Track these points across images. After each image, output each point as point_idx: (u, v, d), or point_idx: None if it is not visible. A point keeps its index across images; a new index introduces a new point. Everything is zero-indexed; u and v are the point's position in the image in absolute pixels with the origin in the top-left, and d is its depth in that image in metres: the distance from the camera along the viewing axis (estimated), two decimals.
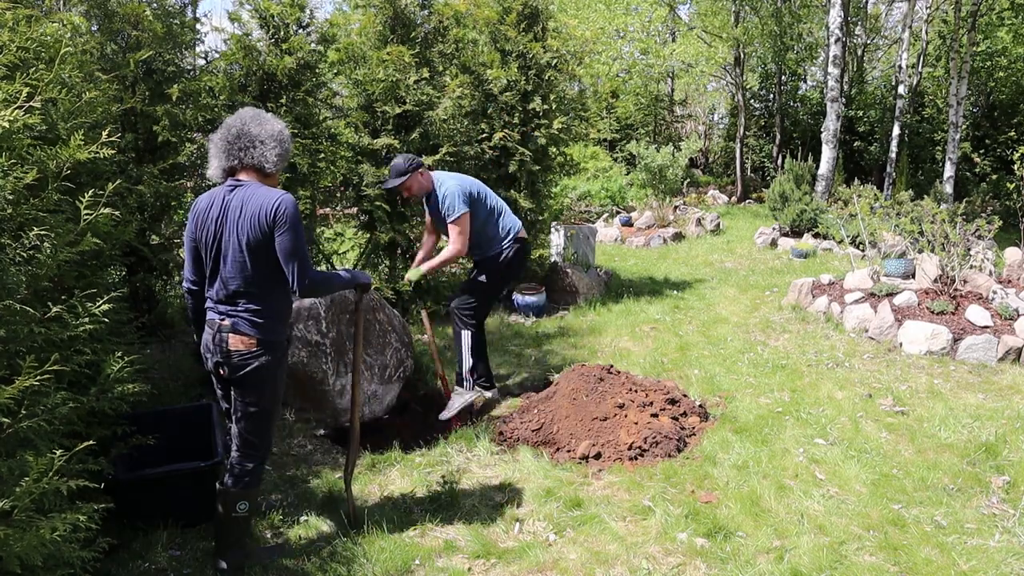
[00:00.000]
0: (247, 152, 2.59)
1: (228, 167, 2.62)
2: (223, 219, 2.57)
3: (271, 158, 2.61)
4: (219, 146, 2.61)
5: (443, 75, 6.30)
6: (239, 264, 2.55)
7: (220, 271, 2.60)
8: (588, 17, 16.24)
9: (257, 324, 2.59)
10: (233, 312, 2.59)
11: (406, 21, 5.98)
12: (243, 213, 2.52)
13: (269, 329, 2.61)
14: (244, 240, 2.52)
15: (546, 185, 7.15)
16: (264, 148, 2.60)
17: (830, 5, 12.05)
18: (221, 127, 2.65)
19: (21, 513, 1.86)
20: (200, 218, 2.62)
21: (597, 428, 3.84)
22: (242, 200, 2.54)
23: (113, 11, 4.50)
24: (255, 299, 2.60)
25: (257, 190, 2.55)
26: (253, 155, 2.59)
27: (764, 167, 18.49)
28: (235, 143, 2.59)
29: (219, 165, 2.63)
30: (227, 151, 2.60)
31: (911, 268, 6.77)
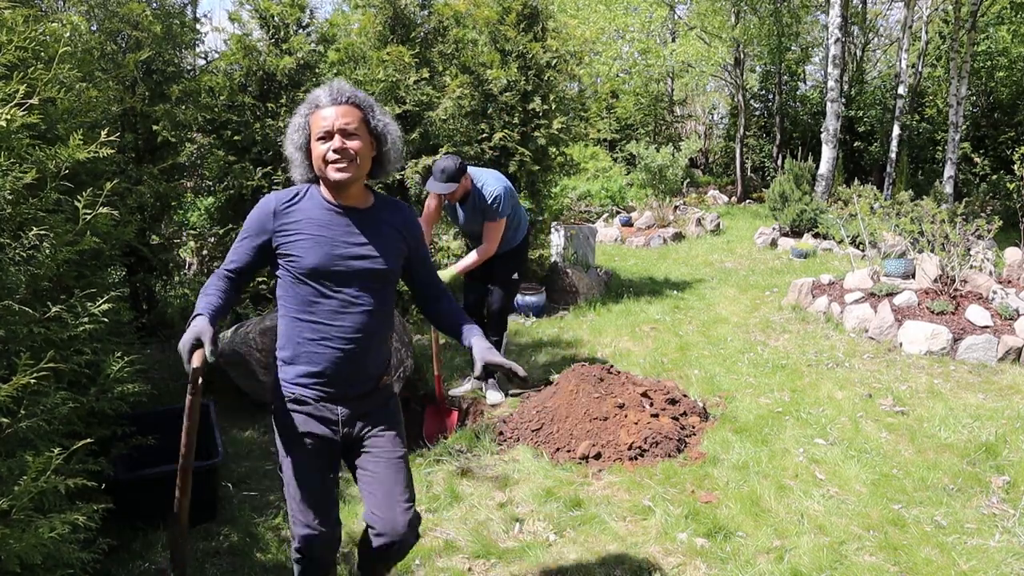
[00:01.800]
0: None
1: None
2: None
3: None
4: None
5: (443, 75, 6.30)
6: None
7: None
8: (588, 17, 16.24)
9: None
10: None
11: (406, 21, 5.98)
12: None
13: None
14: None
15: (546, 185, 7.15)
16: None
17: (830, 5, 12.05)
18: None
19: (20, 513, 1.86)
20: None
21: (597, 428, 3.83)
22: None
23: (113, 11, 4.50)
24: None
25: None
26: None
27: (764, 167, 18.48)
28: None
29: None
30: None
31: (911, 268, 6.77)
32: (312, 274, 1.97)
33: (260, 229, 2.02)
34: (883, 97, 16.35)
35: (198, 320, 1.83)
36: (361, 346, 2.03)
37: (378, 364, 2.12)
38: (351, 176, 1.95)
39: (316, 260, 1.97)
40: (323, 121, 1.93)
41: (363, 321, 2.02)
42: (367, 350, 2.06)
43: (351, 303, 2.01)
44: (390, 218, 2.09)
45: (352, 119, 1.94)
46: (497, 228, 4.21)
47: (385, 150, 2.02)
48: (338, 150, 1.92)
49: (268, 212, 2.01)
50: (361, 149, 1.95)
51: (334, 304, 2.00)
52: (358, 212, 2.04)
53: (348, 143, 1.92)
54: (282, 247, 1.99)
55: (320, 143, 1.94)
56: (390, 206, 2.12)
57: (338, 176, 1.93)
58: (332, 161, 1.93)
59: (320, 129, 1.93)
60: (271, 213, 2.01)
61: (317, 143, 1.95)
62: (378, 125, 1.99)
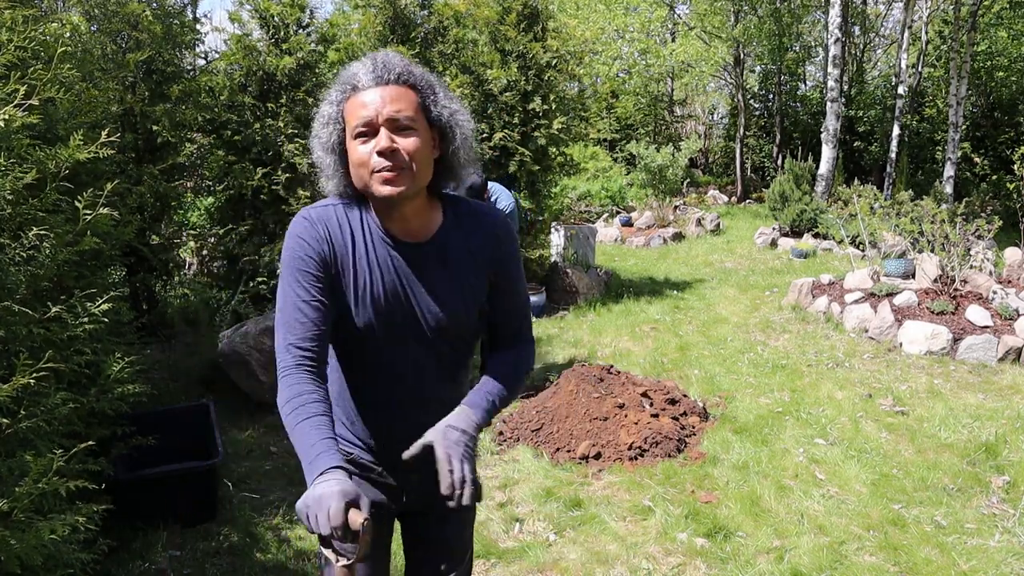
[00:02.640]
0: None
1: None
2: None
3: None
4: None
5: (443, 75, 6.29)
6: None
7: None
8: (588, 17, 16.24)
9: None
10: None
11: (406, 21, 5.98)
12: None
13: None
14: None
15: (546, 185, 7.15)
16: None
17: (830, 5, 12.05)
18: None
19: (20, 514, 1.86)
20: None
21: (597, 428, 3.83)
22: None
23: (113, 11, 4.50)
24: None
25: None
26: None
27: (764, 167, 18.48)
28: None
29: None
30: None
31: (911, 268, 6.77)
32: (366, 333, 1.44)
33: (321, 261, 1.40)
34: (883, 97, 16.35)
35: (334, 475, 1.22)
36: (423, 417, 1.47)
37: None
38: (405, 190, 1.35)
39: (369, 316, 1.43)
40: (363, 110, 1.34)
41: (436, 390, 1.52)
42: (436, 419, 1.48)
43: (412, 366, 1.50)
44: (469, 240, 1.49)
45: (405, 105, 1.36)
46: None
47: (454, 148, 1.43)
48: (384, 152, 1.33)
49: (321, 238, 1.41)
50: (419, 149, 1.36)
51: (397, 369, 1.49)
52: (419, 247, 1.46)
53: (400, 141, 1.34)
54: (338, 284, 1.43)
55: (359, 143, 1.36)
56: (468, 219, 1.51)
57: (386, 191, 1.35)
58: (378, 169, 1.34)
59: (359, 121, 1.34)
60: (325, 240, 1.41)
61: (355, 142, 1.36)
62: (442, 113, 1.41)
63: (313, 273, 1.39)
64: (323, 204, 1.47)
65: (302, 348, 1.36)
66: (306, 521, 1.19)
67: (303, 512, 1.19)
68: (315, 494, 1.18)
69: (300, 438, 1.29)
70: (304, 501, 1.20)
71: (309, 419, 1.30)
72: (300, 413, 1.31)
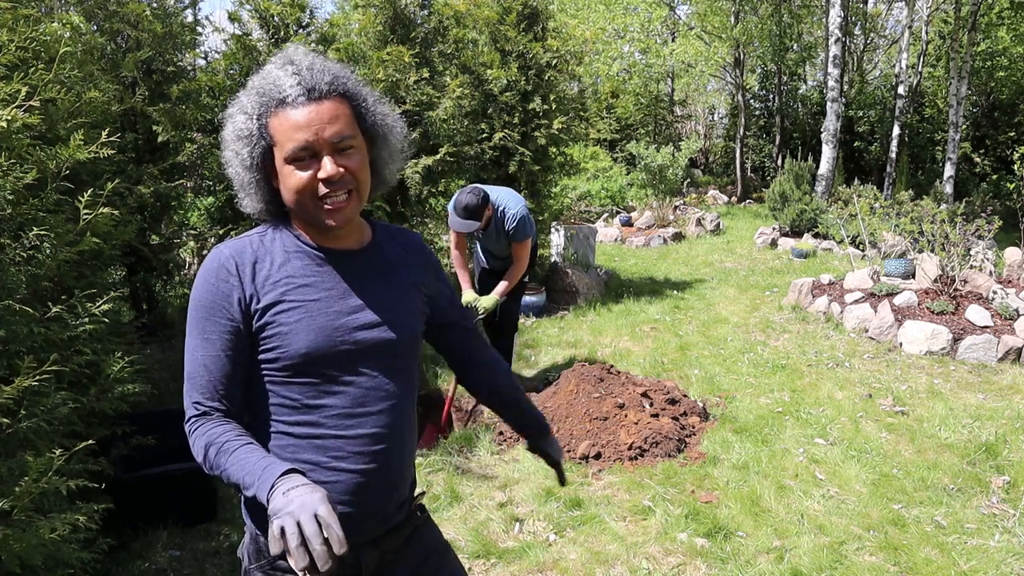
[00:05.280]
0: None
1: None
2: None
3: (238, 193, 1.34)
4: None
5: (443, 75, 6.30)
6: None
7: None
8: (588, 17, 16.24)
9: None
10: None
11: (406, 21, 5.98)
12: None
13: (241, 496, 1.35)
14: None
15: (546, 185, 7.15)
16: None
17: (830, 5, 12.05)
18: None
19: (21, 513, 1.86)
20: None
21: (597, 428, 3.83)
22: None
23: (113, 11, 4.50)
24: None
25: None
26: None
27: (764, 167, 18.49)
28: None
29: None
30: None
31: (911, 268, 6.77)
32: (305, 364, 1.25)
33: (230, 307, 1.25)
34: (883, 97, 16.35)
35: (299, 478, 1.07)
36: (391, 458, 1.33)
37: (411, 476, 1.43)
38: (353, 214, 1.27)
39: (309, 342, 1.25)
40: (298, 132, 1.19)
41: (389, 420, 1.32)
42: (401, 461, 1.36)
43: (369, 396, 1.30)
44: (399, 256, 1.40)
45: (344, 124, 1.22)
46: (525, 248, 4.21)
47: (387, 154, 1.34)
48: (331, 179, 1.21)
49: (233, 279, 1.25)
50: (362, 167, 1.26)
51: (344, 402, 1.28)
52: (354, 256, 1.33)
53: (344, 162, 1.22)
54: (263, 326, 1.25)
55: (296, 167, 1.21)
56: (395, 237, 1.42)
57: (337, 220, 1.25)
58: (322, 197, 1.22)
59: (295, 145, 1.20)
60: (236, 279, 1.25)
61: (290, 167, 1.22)
62: (376, 120, 1.30)
63: (220, 322, 1.24)
64: (239, 238, 1.31)
65: (207, 405, 1.23)
66: (291, 536, 0.97)
67: (284, 522, 0.98)
68: (295, 501, 1.00)
69: (238, 465, 1.12)
70: (283, 511, 1.00)
71: (241, 447, 1.15)
72: (228, 447, 1.16)
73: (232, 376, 1.25)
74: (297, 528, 0.97)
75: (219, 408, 1.24)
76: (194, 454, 1.22)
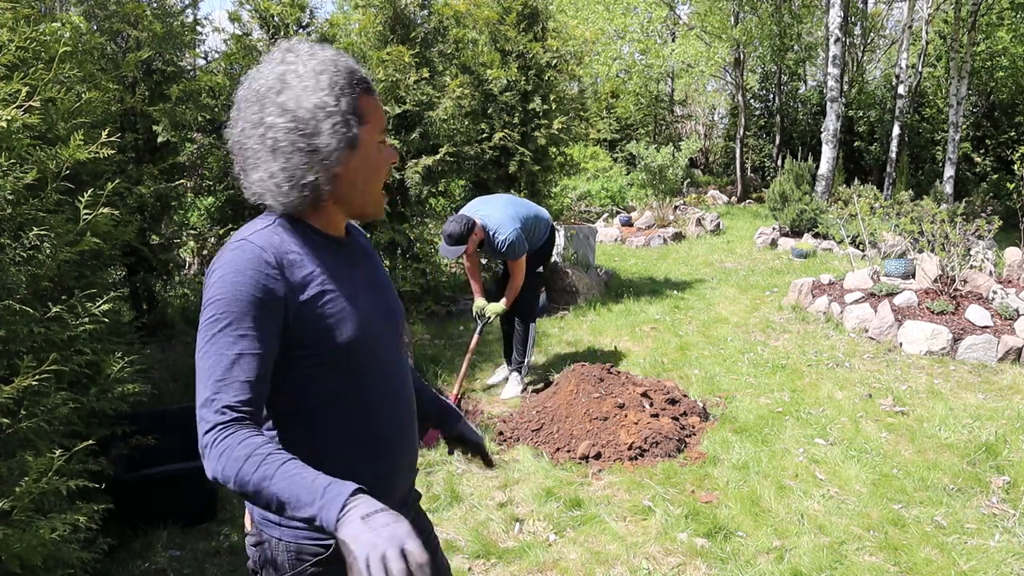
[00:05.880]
0: (246, 176, 1.26)
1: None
2: None
3: (260, 183, 1.23)
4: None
5: (443, 75, 6.30)
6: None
7: None
8: (587, 17, 16.25)
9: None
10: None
11: (406, 21, 5.98)
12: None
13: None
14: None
15: (546, 185, 7.16)
16: (258, 162, 1.22)
17: (830, 5, 12.05)
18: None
19: (21, 513, 1.86)
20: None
21: (597, 428, 3.84)
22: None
23: (113, 11, 4.50)
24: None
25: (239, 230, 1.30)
26: (252, 181, 1.24)
27: (764, 167, 18.50)
28: (236, 155, 1.27)
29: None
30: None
31: (911, 268, 6.77)
32: (347, 354, 1.24)
33: (272, 299, 1.16)
34: (883, 97, 16.35)
35: (374, 503, 1.02)
36: (414, 437, 1.40)
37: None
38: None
39: (353, 330, 1.23)
40: (382, 116, 1.28)
41: (409, 402, 1.38)
42: (416, 439, 1.42)
43: (395, 378, 1.34)
44: (366, 243, 1.46)
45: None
46: (519, 265, 4.45)
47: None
48: (394, 162, 1.32)
49: (272, 268, 1.18)
50: None
51: (378, 388, 1.31)
52: (348, 245, 1.35)
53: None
54: (302, 324, 1.20)
55: (380, 150, 1.26)
56: (356, 228, 1.45)
57: (384, 205, 1.34)
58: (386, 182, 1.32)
59: (383, 126, 1.27)
60: (276, 269, 1.18)
61: (379, 147, 1.26)
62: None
63: (261, 317, 1.15)
64: (257, 230, 1.22)
65: (241, 410, 1.11)
66: (376, 569, 0.93)
67: (372, 556, 0.94)
68: (383, 532, 0.96)
69: (287, 480, 1.04)
70: (367, 541, 0.95)
71: (288, 461, 1.06)
72: (272, 460, 1.06)
73: (266, 378, 1.16)
74: (382, 562, 0.93)
75: (253, 414, 1.13)
76: (216, 467, 1.08)
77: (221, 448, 1.07)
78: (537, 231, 4.64)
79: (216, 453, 1.07)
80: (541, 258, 4.76)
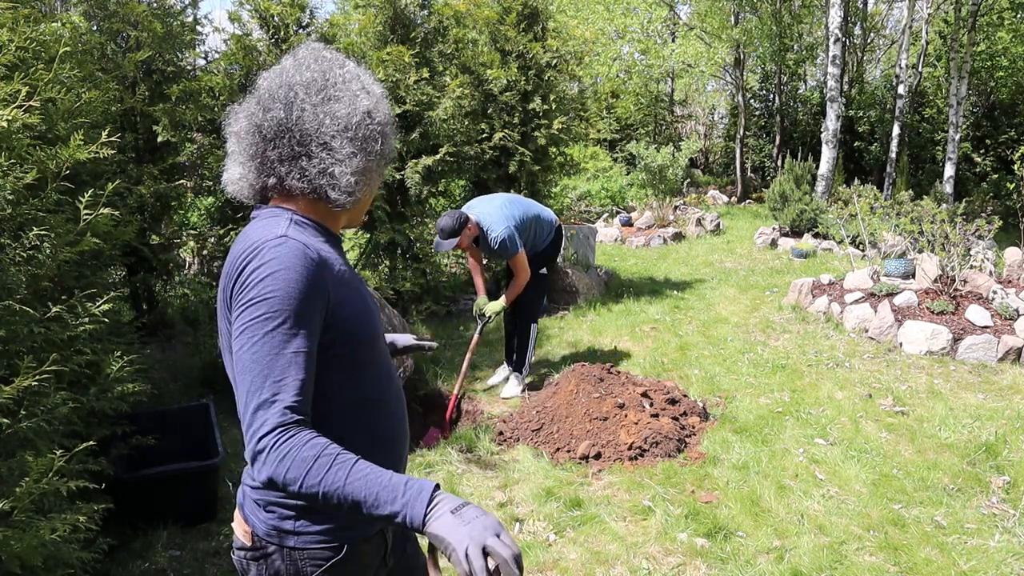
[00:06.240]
0: (295, 163, 1.24)
1: (261, 185, 1.29)
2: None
3: (344, 179, 1.25)
4: (245, 141, 1.27)
5: (443, 75, 6.30)
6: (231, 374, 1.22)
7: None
8: (587, 17, 16.25)
9: (254, 499, 1.32)
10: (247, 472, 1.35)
11: (406, 21, 5.98)
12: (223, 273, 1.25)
13: (274, 511, 1.29)
14: (220, 325, 1.28)
15: (546, 185, 7.16)
16: (334, 155, 1.23)
17: (830, 5, 12.05)
18: (253, 94, 1.28)
19: (21, 514, 1.86)
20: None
21: (597, 428, 3.83)
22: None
23: (113, 11, 4.50)
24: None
25: (253, 227, 1.25)
26: (307, 170, 1.24)
27: (764, 167, 18.50)
28: (275, 140, 1.23)
29: (244, 176, 1.29)
30: (259, 155, 1.26)
31: (911, 268, 6.77)
32: (366, 350, 1.28)
33: (322, 299, 1.18)
34: (883, 97, 16.35)
35: (455, 498, 1.06)
36: (407, 431, 1.46)
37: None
38: None
39: (371, 327, 1.30)
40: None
41: (402, 395, 1.44)
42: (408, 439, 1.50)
43: (392, 373, 1.39)
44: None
45: None
46: (518, 260, 4.41)
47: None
48: None
49: (319, 269, 1.19)
50: None
51: (386, 384, 1.35)
52: (340, 243, 1.40)
53: None
54: (336, 322, 1.21)
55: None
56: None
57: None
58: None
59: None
60: (321, 269, 1.19)
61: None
62: None
63: (314, 317, 1.16)
64: (286, 225, 1.22)
65: (300, 410, 1.11)
66: (476, 559, 0.99)
67: (471, 548, 0.99)
68: (476, 525, 1.02)
69: (364, 480, 1.05)
70: (466, 535, 1.01)
71: (360, 461, 1.08)
72: (343, 460, 1.07)
73: (313, 376, 1.15)
74: (481, 552, 1.00)
75: (308, 413, 1.12)
76: (278, 470, 1.06)
77: (284, 450, 1.06)
78: (538, 232, 4.62)
79: (277, 456, 1.06)
80: (544, 260, 4.74)
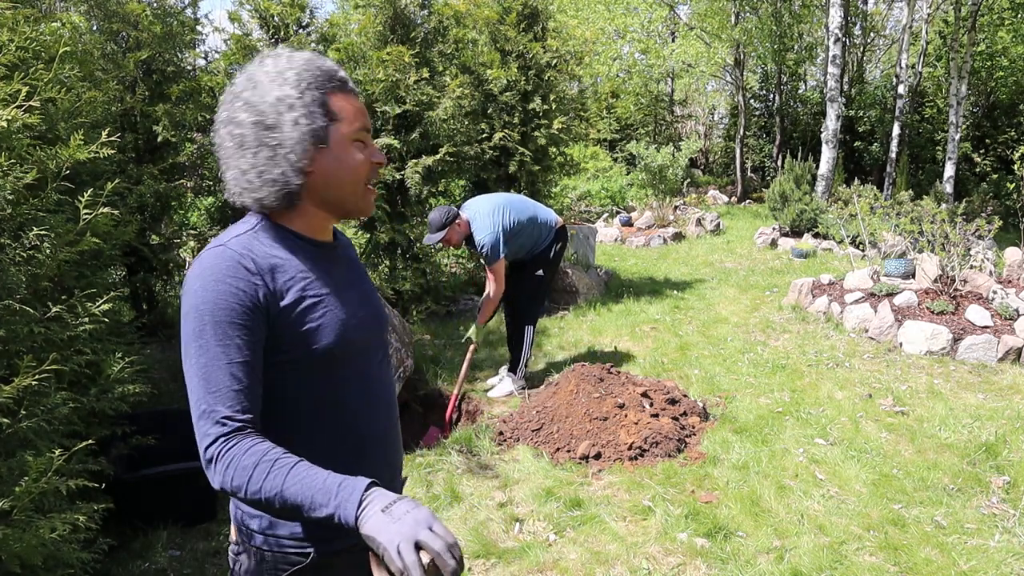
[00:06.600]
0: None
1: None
2: None
3: (234, 181, 1.25)
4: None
5: (443, 75, 6.30)
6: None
7: None
8: (588, 17, 16.25)
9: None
10: None
11: (406, 21, 5.98)
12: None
13: (243, 509, 1.32)
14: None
15: (546, 185, 7.16)
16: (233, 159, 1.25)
17: (830, 5, 12.05)
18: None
19: (21, 513, 1.86)
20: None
21: (597, 428, 3.83)
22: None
23: (113, 11, 4.50)
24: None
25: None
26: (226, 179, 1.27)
27: (764, 167, 18.50)
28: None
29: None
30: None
31: (911, 268, 6.77)
32: (328, 360, 1.22)
33: (255, 307, 1.15)
34: (883, 97, 16.35)
35: (389, 493, 1.06)
36: (398, 446, 1.38)
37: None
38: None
39: (335, 336, 1.22)
40: (362, 115, 1.24)
41: (392, 410, 1.37)
42: (400, 448, 1.41)
43: (376, 386, 1.32)
44: (352, 250, 1.43)
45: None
46: (495, 270, 4.37)
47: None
48: (382, 165, 1.28)
49: (253, 276, 1.16)
50: None
51: (360, 395, 1.29)
52: (334, 250, 1.32)
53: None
54: (284, 329, 1.19)
55: (357, 148, 1.23)
56: (344, 238, 1.42)
57: (372, 207, 1.29)
58: (372, 184, 1.27)
59: (361, 125, 1.23)
60: (257, 276, 1.16)
61: (353, 147, 1.22)
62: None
63: (246, 325, 1.13)
64: (236, 235, 1.21)
65: (240, 419, 1.10)
66: (408, 554, 0.97)
67: (402, 545, 0.97)
68: (407, 520, 1.00)
69: (299, 484, 1.05)
70: (395, 532, 0.98)
71: (297, 465, 1.07)
72: (281, 465, 1.06)
73: (259, 384, 1.16)
74: (413, 548, 0.98)
75: (252, 421, 1.12)
76: (224, 479, 1.08)
77: (227, 460, 1.07)
78: (534, 234, 4.54)
79: (222, 465, 1.08)
80: (542, 262, 4.65)
